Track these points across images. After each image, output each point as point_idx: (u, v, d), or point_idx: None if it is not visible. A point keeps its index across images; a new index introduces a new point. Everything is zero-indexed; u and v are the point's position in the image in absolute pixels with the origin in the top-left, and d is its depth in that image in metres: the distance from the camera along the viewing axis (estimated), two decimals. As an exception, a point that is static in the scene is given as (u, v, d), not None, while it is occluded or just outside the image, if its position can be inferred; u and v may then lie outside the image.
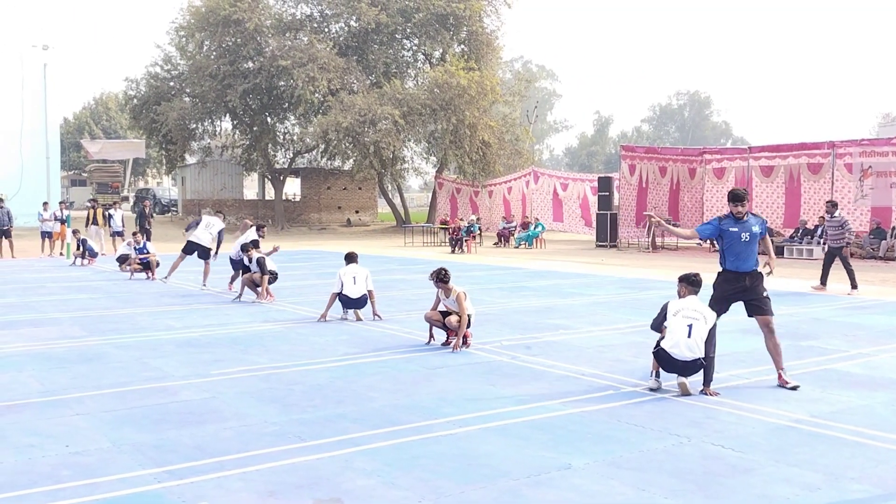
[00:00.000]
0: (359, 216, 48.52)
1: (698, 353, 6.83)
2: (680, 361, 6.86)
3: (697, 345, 6.82)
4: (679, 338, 6.86)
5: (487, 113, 40.18)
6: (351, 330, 10.56)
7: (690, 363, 6.86)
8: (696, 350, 6.82)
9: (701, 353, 6.85)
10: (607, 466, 5.16)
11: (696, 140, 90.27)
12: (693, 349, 6.82)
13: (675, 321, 6.98)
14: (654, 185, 28.90)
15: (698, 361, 6.86)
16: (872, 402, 6.76)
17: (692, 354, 6.82)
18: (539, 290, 15.39)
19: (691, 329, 6.86)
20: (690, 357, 6.83)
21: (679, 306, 7.10)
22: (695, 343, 6.82)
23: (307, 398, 6.89)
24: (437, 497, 4.60)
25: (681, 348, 6.84)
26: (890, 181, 23.88)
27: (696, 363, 6.86)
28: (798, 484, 4.83)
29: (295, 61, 36.86)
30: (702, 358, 6.86)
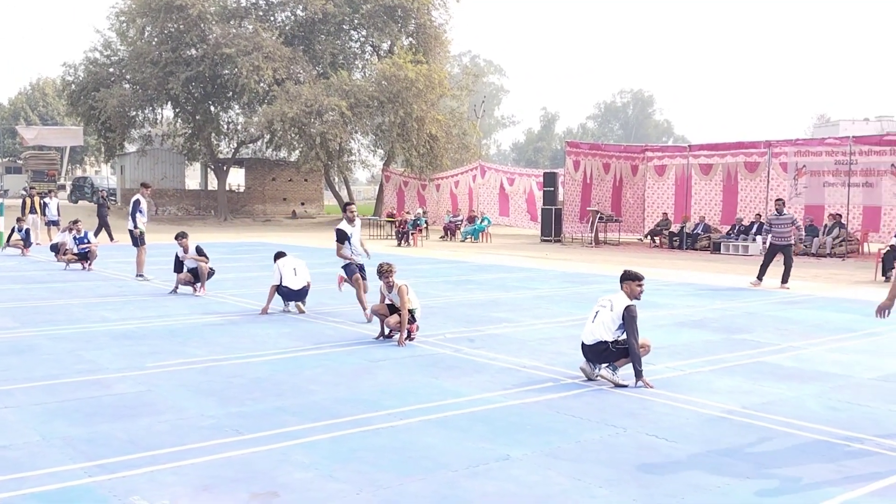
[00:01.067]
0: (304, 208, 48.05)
1: (599, 336, 7.16)
2: (585, 345, 7.27)
3: (598, 329, 7.17)
4: (587, 324, 7.36)
5: (435, 106, 40.17)
6: (293, 323, 10.47)
7: (594, 346, 7.20)
8: (597, 334, 7.17)
9: (602, 337, 7.14)
10: (545, 457, 5.22)
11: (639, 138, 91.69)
12: (595, 332, 7.18)
13: (591, 311, 7.45)
14: (597, 181, 29.27)
15: (600, 344, 7.16)
16: (801, 393, 6.97)
17: (593, 337, 7.19)
18: (484, 283, 15.48)
19: (597, 315, 7.27)
20: (591, 340, 7.20)
21: (599, 298, 7.58)
22: (597, 327, 7.18)
23: (246, 391, 6.81)
24: (374, 489, 4.59)
25: (584, 333, 7.30)
26: (823, 180, 24.62)
27: (598, 346, 7.18)
28: (728, 473, 4.96)
29: (239, 49, 36.29)
30: (607, 342, 7.13)
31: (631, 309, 7.14)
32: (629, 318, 7.09)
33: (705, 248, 24.71)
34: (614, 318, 7.14)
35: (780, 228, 15.20)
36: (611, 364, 7.20)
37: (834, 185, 24.22)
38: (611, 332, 7.13)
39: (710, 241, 24.81)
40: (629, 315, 7.10)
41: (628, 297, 7.27)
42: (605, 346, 7.15)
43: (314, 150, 36.70)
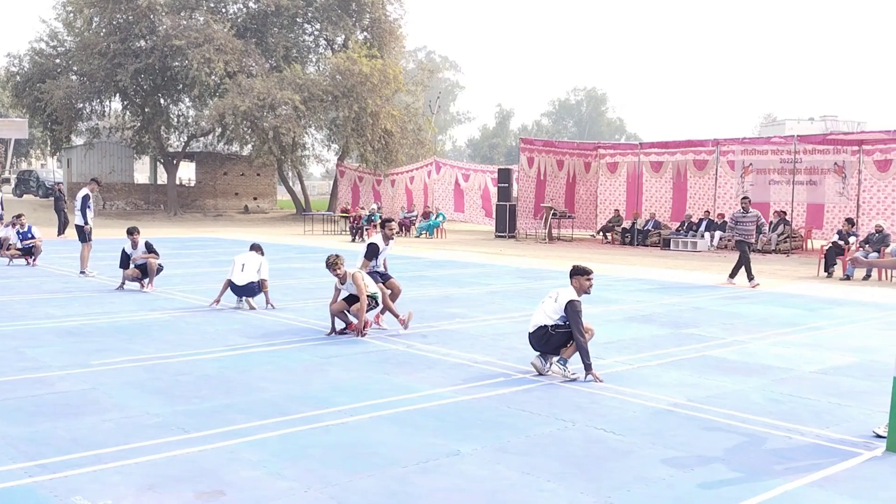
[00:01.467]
0: (257, 203, 47.52)
1: (539, 321, 7.35)
2: (530, 334, 7.46)
3: (539, 315, 7.37)
4: (533, 315, 7.55)
5: (390, 102, 40.03)
6: (243, 319, 10.35)
7: (535, 332, 7.38)
8: (536, 319, 7.38)
9: (541, 322, 7.33)
10: (495, 452, 5.25)
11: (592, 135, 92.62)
12: (535, 319, 7.40)
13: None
14: (551, 177, 29.51)
15: (541, 329, 7.33)
16: (745, 387, 7.12)
17: (533, 325, 7.41)
18: (438, 279, 15.49)
19: (540, 305, 7.50)
20: (533, 328, 7.40)
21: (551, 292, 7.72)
22: (538, 315, 7.40)
23: (194, 389, 6.72)
24: (323, 486, 4.57)
25: (531, 323, 7.49)
26: (769, 178, 25.18)
27: (538, 331, 7.35)
28: (673, 465, 5.05)
29: (190, 41, 35.69)
30: (546, 326, 7.29)
31: (574, 304, 7.22)
32: (572, 313, 7.17)
33: (655, 245, 25.10)
34: (557, 310, 7.29)
35: (746, 226, 15.20)
36: (561, 358, 7.28)
37: (779, 183, 24.79)
38: (549, 317, 7.30)
39: (660, 238, 25.20)
40: (572, 310, 7.19)
41: (577, 292, 7.36)
42: (544, 330, 7.30)
43: (267, 145, 36.29)
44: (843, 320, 11.02)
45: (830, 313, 11.65)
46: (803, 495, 4.58)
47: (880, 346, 9.04)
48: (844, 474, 4.93)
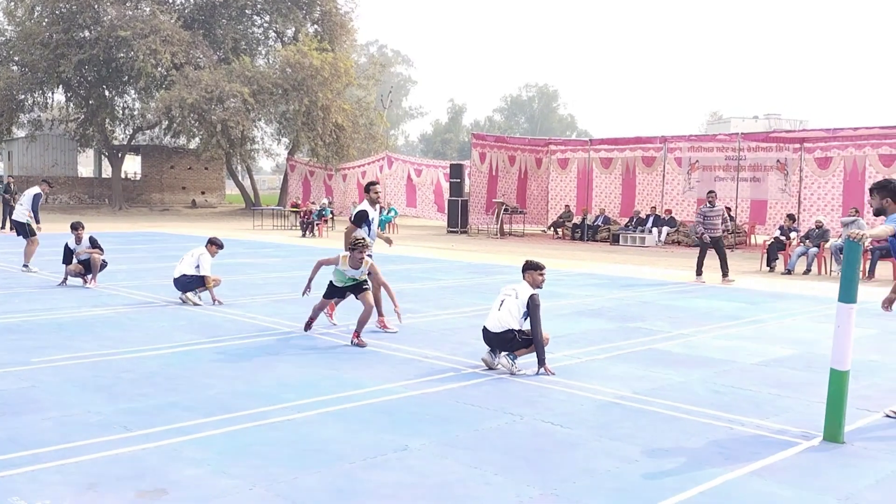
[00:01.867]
0: (205, 197, 46.81)
1: (507, 324, 7.28)
2: (491, 333, 7.37)
3: (506, 316, 7.29)
4: (491, 312, 7.45)
5: (341, 96, 39.79)
6: (189, 316, 10.19)
7: (501, 334, 7.32)
8: (504, 322, 7.29)
9: (510, 325, 7.27)
10: (443, 446, 5.26)
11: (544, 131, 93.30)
12: (502, 320, 7.30)
13: (496, 300, 7.57)
14: (503, 173, 29.66)
15: (508, 333, 7.29)
16: (689, 378, 7.26)
17: (500, 325, 7.31)
18: (389, 274, 15.33)
19: (502, 304, 7.39)
20: (499, 328, 7.31)
21: (503, 288, 7.71)
22: (503, 315, 7.30)
23: (137, 387, 6.59)
24: (269, 484, 4.53)
25: (490, 321, 7.39)
26: (714, 175, 25.68)
27: (506, 334, 7.30)
28: (618, 457, 5.12)
29: (136, 32, 34.99)
30: (514, 330, 7.27)
31: (535, 297, 7.32)
32: (533, 307, 7.25)
33: (605, 240, 25.42)
34: (519, 306, 7.31)
35: (713, 220, 15.20)
36: (511, 353, 7.34)
37: (724, 179, 25.31)
38: (517, 320, 7.29)
39: (609, 233, 25.52)
40: (533, 304, 7.27)
41: (531, 286, 7.43)
42: (512, 334, 7.28)
43: (215, 138, 35.80)
44: (784, 313, 11.30)
45: (772, 307, 11.94)
46: (743, 485, 4.69)
47: (819, 338, 9.29)
48: (783, 463, 5.06)
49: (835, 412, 5.51)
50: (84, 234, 12.71)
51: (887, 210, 5.99)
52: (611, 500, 4.41)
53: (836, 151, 23.18)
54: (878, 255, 16.02)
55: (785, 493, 4.56)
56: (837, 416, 5.50)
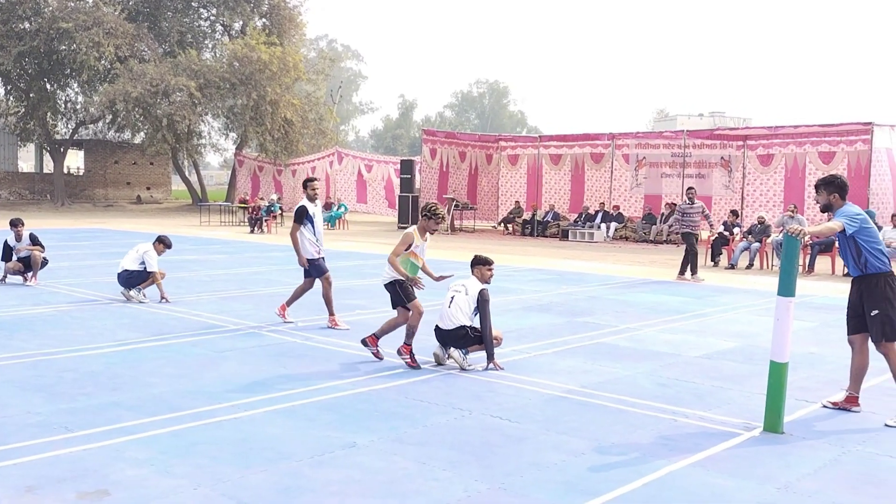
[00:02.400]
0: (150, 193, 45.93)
1: (459, 321, 7.29)
2: (444, 331, 7.38)
3: (457, 313, 7.30)
4: (442, 309, 7.45)
5: (290, 90, 39.40)
6: (133, 314, 9.99)
7: (453, 331, 7.32)
8: (456, 318, 7.29)
9: (461, 322, 7.28)
10: (392, 443, 5.25)
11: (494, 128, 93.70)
12: (454, 317, 7.29)
13: (446, 297, 7.56)
14: (454, 169, 29.68)
15: (460, 330, 7.30)
16: (635, 372, 7.37)
17: (452, 322, 7.31)
18: (339, 271, 15.32)
19: (452, 300, 7.39)
20: (451, 325, 7.31)
21: (451, 284, 7.71)
22: (455, 311, 7.31)
23: (78, 386, 6.44)
24: (214, 483, 4.46)
25: (443, 319, 7.39)
26: (661, 171, 26.10)
27: (458, 331, 7.31)
28: (565, 450, 5.17)
29: (78, 24, 34.12)
30: (466, 326, 7.29)
31: (484, 293, 7.35)
32: (482, 302, 7.28)
33: (554, 236, 25.63)
34: (469, 302, 7.33)
35: (692, 218, 15.01)
36: (463, 348, 7.35)
37: (670, 175, 25.73)
38: (468, 316, 7.31)
39: (558, 229, 25.75)
40: (482, 299, 7.30)
41: (480, 281, 7.46)
42: (464, 331, 7.29)
43: (161, 133, 35.13)
44: (727, 307, 11.55)
45: (715, 301, 12.19)
46: (686, 475, 4.78)
47: (760, 331, 9.52)
48: (725, 454, 5.18)
49: (774, 403, 5.65)
50: (24, 231, 12.38)
51: (833, 205, 6.08)
52: (558, 493, 4.46)
53: (777, 149, 23.75)
54: (817, 250, 16.47)
55: (726, 483, 4.67)
56: (777, 407, 5.64)
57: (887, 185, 20.54)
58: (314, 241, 9.28)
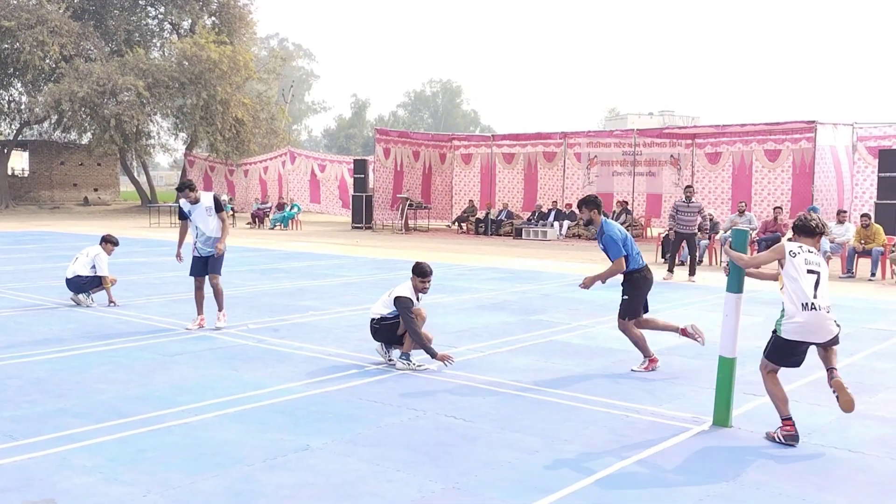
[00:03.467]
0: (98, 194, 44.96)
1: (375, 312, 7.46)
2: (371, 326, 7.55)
3: (377, 305, 7.51)
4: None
5: (241, 90, 38.94)
6: (80, 318, 9.77)
7: (371, 323, 7.51)
8: (374, 309, 7.51)
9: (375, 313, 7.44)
10: (345, 444, 5.22)
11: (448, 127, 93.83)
12: (372, 308, 7.55)
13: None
14: (408, 168, 29.65)
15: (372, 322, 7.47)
16: (588, 369, 7.45)
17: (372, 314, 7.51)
18: (291, 271, 15.23)
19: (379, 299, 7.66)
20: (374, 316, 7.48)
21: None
22: (376, 304, 7.55)
23: (23, 393, 6.27)
24: (163, 490, 4.39)
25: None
26: (612, 169, 26.42)
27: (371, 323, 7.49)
28: (519, 448, 5.20)
29: (21, 22, 33.25)
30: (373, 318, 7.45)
31: (401, 300, 7.22)
32: (401, 309, 7.20)
33: (508, 234, 25.77)
34: (388, 303, 7.37)
35: (687, 216, 14.63)
36: (403, 353, 7.30)
37: (621, 174, 26.07)
38: (379, 312, 7.39)
39: (512, 227, 25.89)
40: (401, 306, 7.20)
41: (412, 290, 7.36)
42: (374, 322, 7.43)
43: (108, 133, 34.43)
44: (677, 303, 11.74)
45: (666, 297, 12.37)
46: (637, 471, 4.84)
47: (709, 326, 9.66)
48: (675, 448, 5.26)
49: (723, 398, 5.76)
50: None
51: (594, 221, 7.63)
52: (512, 491, 4.48)
53: (725, 147, 24.21)
54: (764, 247, 16.83)
55: (677, 478, 4.74)
56: (725, 401, 5.75)
57: (831, 182, 21.09)
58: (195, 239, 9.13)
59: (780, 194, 22.70)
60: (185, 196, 9.00)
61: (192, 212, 9.06)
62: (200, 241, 9.08)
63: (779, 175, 22.95)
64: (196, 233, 9.10)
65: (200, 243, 9.07)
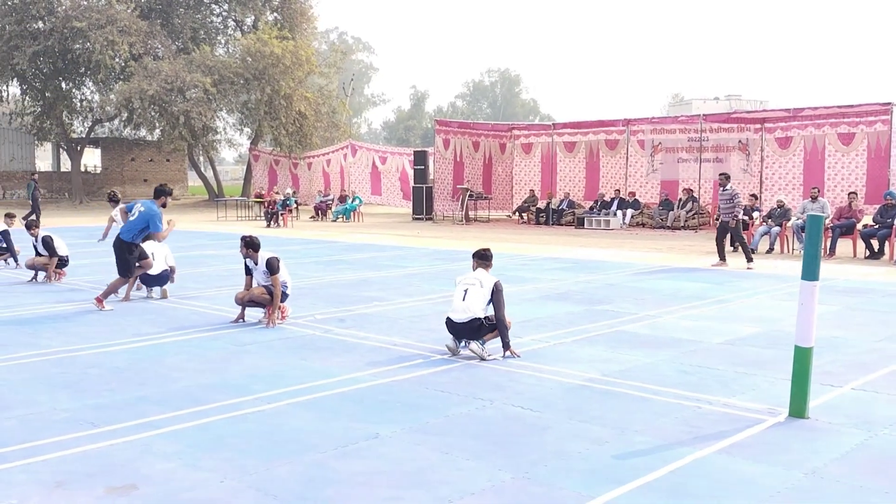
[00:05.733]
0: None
1: (473, 313, 7.30)
2: (457, 324, 7.37)
3: (471, 306, 7.31)
4: (455, 302, 7.45)
5: (303, 84, 39.43)
6: (155, 309, 10.07)
7: (466, 324, 7.33)
8: (472, 310, 7.30)
9: (477, 314, 7.30)
10: (414, 433, 5.27)
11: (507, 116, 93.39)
12: (469, 309, 7.30)
13: (456, 290, 7.56)
14: (468, 159, 29.64)
15: (475, 322, 7.31)
16: (656, 359, 7.35)
17: (467, 315, 7.31)
18: (355, 263, 15.40)
19: (466, 293, 7.39)
20: (465, 318, 7.32)
21: (463, 278, 7.67)
22: (470, 304, 7.31)
23: (103, 382, 6.50)
24: (241, 476, 4.50)
25: (457, 311, 7.36)
26: (677, 156, 25.93)
27: (471, 323, 7.32)
28: (589, 439, 5.17)
29: (91, 23, 34.27)
30: (480, 318, 7.30)
31: (498, 284, 7.40)
32: (498, 293, 7.31)
33: (570, 224, 25.55)
34: (485, 294, 7.33)
35: (724, 204, 14.62)
36: (479, 339, 7.37)
37: (687, 160, 25.56)
38: (483, 308, 7.32)
39: (574, 217, 25.66)
40: (498, 290, 7.34)
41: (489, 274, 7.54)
42: (479, 322, 7.31)
43: (177, 129, 35.26)
44: (749, 292, 11.48)
45: (736, 286, 12.12)
46: (711, 462, 4.76)
47: (782, 316, 9.45)
48: (750, 440, 5.15)
49: (799, 388, 5.61)
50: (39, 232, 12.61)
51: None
52: (583, 481, 4.46)
53: (796, 131, 23.52)
54: (838, 233, 16.33)
55: (753, 470, 4.65)
56: (802, 391, 5.61)
57: (908, 166, 20.30)
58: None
59: (855, 179, 21.95)
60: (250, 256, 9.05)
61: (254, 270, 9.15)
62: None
63: (853, 159, 22.19)
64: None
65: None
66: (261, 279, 9.01)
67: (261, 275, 9.00)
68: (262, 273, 8.97)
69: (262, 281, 8.99)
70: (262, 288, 8.93)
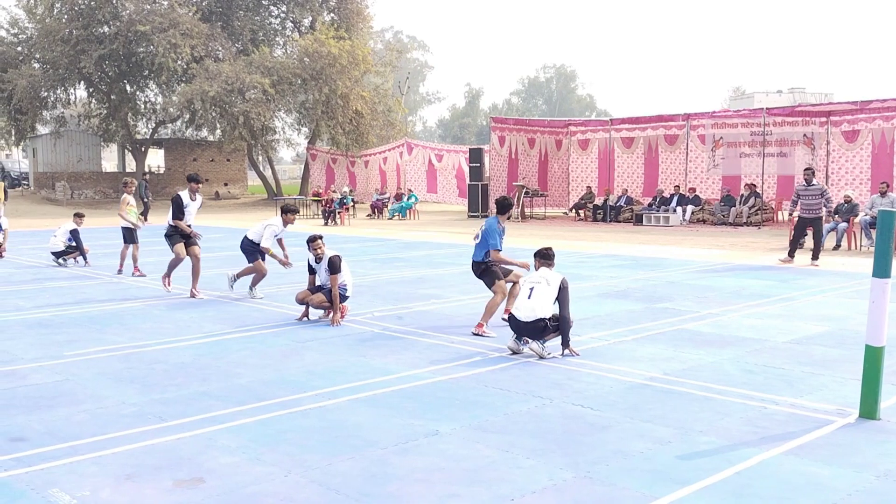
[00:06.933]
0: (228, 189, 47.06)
1: (540, 313, 7.23)
2: (521, 322, 7.30)
3: (538, 306, 7.24)
4: (521, 302, 7.38)
5: (359, 83, 39.74)
6: (217, 306, 10.27)
7: (531, 323, 7.26)
8: (538, 311, 7.23)
9: (542, 314, 7.22)
10: (473, 430, 5.27)
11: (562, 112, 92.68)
12: (536, 310, 7.22)
13: (522, 289, 7.53)
14: (523, 156, 29.52)
15: (539, 322, 7.24)
16: (720, 358, 7.20)
17: (534, 315, 7.23)
18: (411, 260, 15.47)
19: (532, 292, 7.34)
20: (531, 317, 7.24)
21: (528, 277, 7.68)
22: (537, 303, 7.24)
23: (169, 377, 6.66)
24: (303, 470, 4.56)
25: (522, 310, 7.29)
26: (739, 151, 25.38)
27: (536, 323, 7.25)
28: (651, 438, 5.09)
29: (154, 26, 35.10)
30: (545, 318, 7.23)
31: (565, 281, 7.40)
32: (564, 290, 7.31)
33: (628, 220, 25.23)
34: (552, 293, 7.30)
35: (809, 200, 14.04)
36: (541, 339, 7.31)
37: (749, 155, 25.00)
38: (549, 307, 7.28)
39: (632, 213, 25.33)
40: (564, 287, 7.34)
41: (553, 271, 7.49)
42: (543, 322, 7.25)
43: (237, 130, 35.90)
44: (815, 290, 11.17)
45: (802, 284, 11.81)
46: (779, 463, 4.65)
47: (850, 314, 9.17)
48: (819, 441, 5.01)
49: (870, 388, 5.44)
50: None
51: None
52: (646, 481, 4.39)
53: (863, 124, 22.79)
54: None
55: (822, 472, 4.52)
56: (873, 392, 5.43)
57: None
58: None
59: (926, 173, 21.18)
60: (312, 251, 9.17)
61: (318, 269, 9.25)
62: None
63: (924, 152, 21.41)
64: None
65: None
66: (324, 278, 9.10)
67: (324, 273, 9.10)
68: (324, 271, 9.07)
69: (325, 280, 9.08)
70: (321, 296, 8.99)
